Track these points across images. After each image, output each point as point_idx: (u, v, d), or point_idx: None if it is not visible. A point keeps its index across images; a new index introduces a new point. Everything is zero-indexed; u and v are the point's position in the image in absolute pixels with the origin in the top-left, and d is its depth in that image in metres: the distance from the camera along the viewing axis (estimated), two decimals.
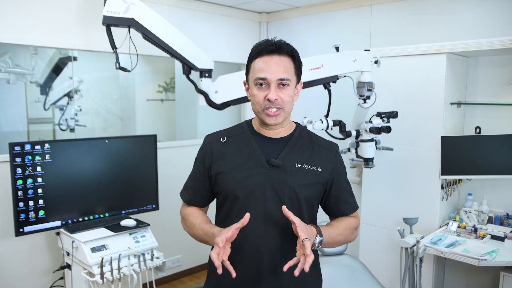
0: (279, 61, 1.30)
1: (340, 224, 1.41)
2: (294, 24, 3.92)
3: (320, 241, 1.29)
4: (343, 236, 1.39)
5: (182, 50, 2.55)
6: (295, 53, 1.34)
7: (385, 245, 3.01)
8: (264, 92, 1.30)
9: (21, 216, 2.40)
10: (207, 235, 1.34)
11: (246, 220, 1.22)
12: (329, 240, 1.33)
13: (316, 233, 1.29)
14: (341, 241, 1.40)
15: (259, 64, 1.31)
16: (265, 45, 1.32)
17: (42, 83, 3.82)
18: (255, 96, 1.32)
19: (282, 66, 1.30)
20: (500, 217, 2.76)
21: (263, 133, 1.39)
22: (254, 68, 1.33)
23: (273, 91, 1.28)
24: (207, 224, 1.38)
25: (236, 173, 1.34)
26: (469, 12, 2.88)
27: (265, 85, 1.30)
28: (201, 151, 1.44)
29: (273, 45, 1.31)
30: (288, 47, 1.33)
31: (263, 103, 1.30)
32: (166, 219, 3.31)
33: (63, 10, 2.86)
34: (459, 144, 2.69)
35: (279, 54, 1.31)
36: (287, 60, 1.32)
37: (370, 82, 2.51)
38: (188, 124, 4.45)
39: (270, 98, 1.28)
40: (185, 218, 1.45)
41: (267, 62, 1.30)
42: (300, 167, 1.35)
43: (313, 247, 1.28)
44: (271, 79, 1.29)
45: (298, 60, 1.36)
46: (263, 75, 1.29)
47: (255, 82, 1.31)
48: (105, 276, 2.31)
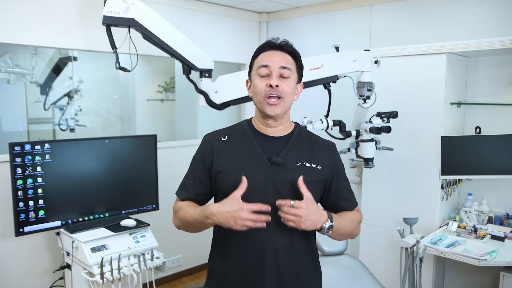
0: (282, 55, 1.36)
1: (347, 215, 1.42)
2: (294, 24, 3.92)
3: (330, 226, 1.29)
4: (350, 227, 1.41)
5: (182, 50, 2.55)
6: (297, 54, 1.40)
7: (385, 245, 3.01)
8: (265, 81, 1.33)
9: (21, 216, 2.40)
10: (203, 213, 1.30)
11: (243, 187, 1.26)
12: (338, 228, 1.34)
13: (327, 218, 1.30)
14: (348, 232, 1.41)
15: (262, 56, 1.37)
16: (269, 42, 1.38)
17: (42, 83, 3.82)
18: (256, 86, 1.35)
19: (284, 59, 1.35)
20: (500, 217, 2.76)
21: (263, 131, 1.40)
22: (257, 61, 1.38)
23: (275, 78, 1.33)
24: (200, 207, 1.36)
25: (238, 171, 1.34)
26: (469, 12, 2.88)
27: (267, 75, 1.34)
28: (201, 149, 1.44)
29: (277, 44, 1.37)
30: (291, 47, 1.38)
31: (265, 91, 1.33)
32: (166, 219, 3.28)
33: (63, 10, 2.87)
34: (459, 144, 2.69)
35: (282, 51, 1.36)
36: (290, 57, 1.37)
37: (370, 82, 2.51)
38: (188, 124, 4.45)
39: (271, 84, 1.31)
40: (177, 210, 1.43)
41: (270, 54, 1.36)
42: (301, 165, 1.36)
43: (322, 232, 1.30)
44: (273, 67, 1.33)
45: (300, 61, 1.41)
46: (265, 63, 1.34)
47: (258, 72, 1.35)
48: (105, 276, 2.31)
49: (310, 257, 1.41)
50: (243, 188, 1.25)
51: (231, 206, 1.24)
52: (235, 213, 1.22)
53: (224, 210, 1.24)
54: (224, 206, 1.25)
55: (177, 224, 1.45)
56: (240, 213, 1.22)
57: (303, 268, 1.38)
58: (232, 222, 1.23)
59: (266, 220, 1.23)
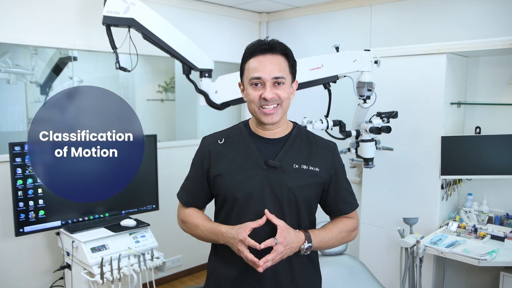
0: (273, 60, 1.30)
1: (334, 227, 1.40)
2: (294, 24, 3.92)
3: (308, 247, 1.30)
4: (337, 239, 1.40)
5: (182, 50, 2.55)
6: (288, 52, 1.34)
7: (385, 245, 3.01)
8: (259, 91, 1.30)
9: (21, 216, 2.41)
10: (214, 233, 1.34)
11: (263, 221, 1.27)
12: (321, 244, 1.34)
13: (304, 239, 1.30)
14: (336, 244, 1.41)
15: (253, 63, 1.31)
16: (258, 45, 1.32)
17: (42, 83, 3.82)
18: (250, 96, 1.32)
19: (276, 65, 1.30)
20: (500, 217, 2.76)
21: (260, 133, 1.39)
22: (248, 69, 1.33)
23: (268, 90, 1.29)
24: (210, 223, 1.38)
25: (235, 175, 1.34)
26: (469, 12, 2.88)
27: (260, 85, 1.30)
28: (199, 153, 1.44)
29: (266, 45, 1.31)
30: (281, 46, 1.32)
31: (259, 102, 1.30)
32: (166, 219, 3.30)
33: (63, 10, 2.86)
34: (459, 144, 2.69)
35: (272, 53, 1.31)
36: (281, 58, 1.32)
37: (370, 82, 2.51)
38: (188, 124, 4.45)
39: (265, 97, 1.28)
40: (186, 220, 1.45)
41: (261, 61, 1.30)
42: (298, 167, 1.35)
43: (301, 252, 1.30)
44: (266, 78, 1.29)
45: (292, 59, 1.36)
46: (257, 75, 1.29)
47: (250, 82, 1.31)
48: (105, 276, 2.31)
49: (308, 260, 1.40)
50: (258, 223, 1.27)
51: (233, 235, 1.27)
52: (233, 241, 1.27)
53: (230, 236, 1.28)
54: (231, 232, 1.28)
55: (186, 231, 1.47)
56: (237, 245, 1.25)
57: (301, 271, 1.38)
58: (235, 248, 1.28)
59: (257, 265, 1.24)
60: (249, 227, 1.25)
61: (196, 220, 1.41)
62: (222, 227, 1.32)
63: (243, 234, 1.24)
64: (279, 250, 1.23)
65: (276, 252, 1.23)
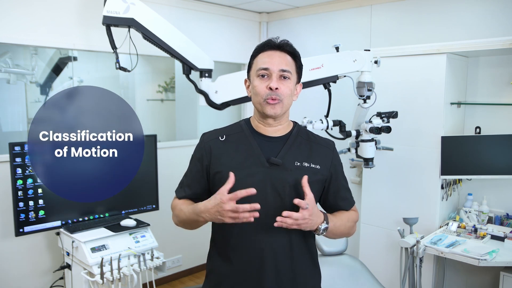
0: (281, 55, 1.35)
1: (343, 215, 1.43)
2: (294, 24, 3.92)
3: (325, 228, 1.30)
4: (345, 227, 1.42)
5: (182, 50, 2.55)
6: (297, 53, 1.38)
7: (385, 245, 3.01)
8: (265, 82, 1.33)
9: (21, 216, 2.41)
10: (195, 212, 1.32)
11: (232, 179, 1.24)
12: (333, 229, 1.35)
13: (324, 219, 1.30)
14: (343, 232, 1.42)
15: (262, 57, 1.35)
16: (268, 42, 1.37)
17: (42, 83, 3.82)
18: (256, 87, 1.34)
19: (284, 60, 1.34)
20: (500, 217, 2.76)
21: (262, 131, 1.39)
22: (256, 62, 1.36)
23: (275, 80, 1.32)
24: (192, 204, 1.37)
25: (236, 172, 1.33)
26: (469, 12, 2.88)
27: (267, 76, 1.33)
28: (199, 149, 1.43)
29: (276, 43, 1.36)
30: (290, 47, 1.37)
31: (265, 93, 1.32)
32: (166, 219, 3.27)
33: (63, 10, 2.86)
34: (459, 144, 2.69)
35: (281, 50, 1.35)
36: (289, 57, 1.36)
37: (370, 82, 2.51)
38: (188, 124, 4.45)
39: (271, 87, 1.31)
40: (173, 209, 1.45)
41: (270, 55, 1.34)
42: (300, 165, 1.36)
43: (317, 233, 1.31)
44: (273, 69, 1.32)
45: (299, 61, 1.39)
46: (265, 66, 1.33)
47: (257, 73, 1.34)
48: (105, 276, 2.31)
49: (309, 257, 1.41)
50: (229, 184, 1.23)
51: (215, 201, 1.23)
52: (219, 207, 1.22)
53: (210, 206, 1.24)
54: (210, 202, 1.25)
55: (175, 221, 1.47)
56: (223, 205, 1.21)
57: (302, 268, 1.38)
58: (219, 217, 1.23)
59: (251, 208, 1.20)
60: (224, 190, 1.22)
61: (180, 206, 1.41)
62: (200, 204, 1.30)
63: (225, 195, 1.20)
64: (306, 215, 1.21)
65: (302, 215, 1.21)
